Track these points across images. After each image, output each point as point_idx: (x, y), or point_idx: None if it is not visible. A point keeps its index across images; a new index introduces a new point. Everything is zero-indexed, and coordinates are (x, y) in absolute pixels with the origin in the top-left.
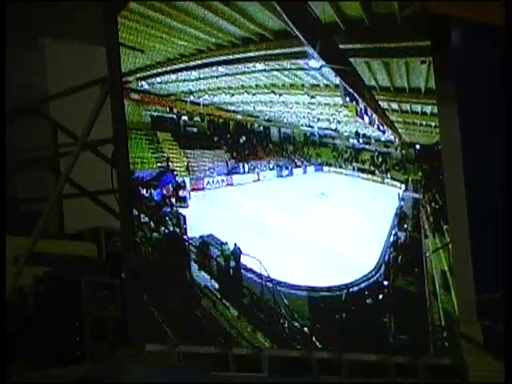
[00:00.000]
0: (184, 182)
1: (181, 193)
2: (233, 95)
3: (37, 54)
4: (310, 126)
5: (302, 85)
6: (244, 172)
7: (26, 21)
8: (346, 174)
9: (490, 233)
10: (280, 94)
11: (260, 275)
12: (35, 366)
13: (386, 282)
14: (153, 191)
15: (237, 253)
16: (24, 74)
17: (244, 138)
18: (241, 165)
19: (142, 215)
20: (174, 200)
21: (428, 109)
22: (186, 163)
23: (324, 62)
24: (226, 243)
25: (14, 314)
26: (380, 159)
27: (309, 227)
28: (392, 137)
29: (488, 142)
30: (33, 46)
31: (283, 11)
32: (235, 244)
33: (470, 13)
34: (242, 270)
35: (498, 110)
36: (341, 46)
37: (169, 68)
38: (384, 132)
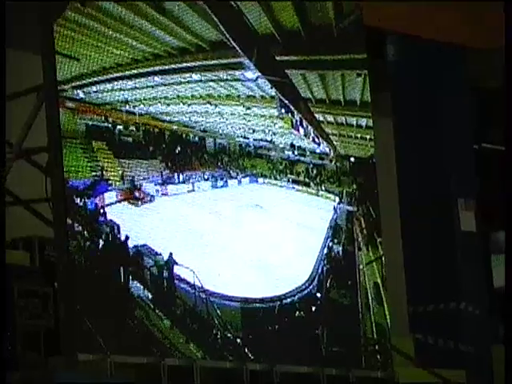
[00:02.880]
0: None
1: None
2: (168, 105)
3: None
4: (245, 137)
5: (238, 96)
6: (179, 182)
7: None
8: (280, 186)
9: (422, 246)
10: (216, 105)
11: (193, 286)
12: None
13: (319, 294)
14: (87, 200)
15: (170, 263)
16: None
17: (179, 148)
18: (176, 175)
19: (76, 224)
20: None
21: (363, 122)
22: (120, 172)
23: (260, 74)
24: (160, 254)
25: None
26: (315, 171)
27: (243, 238)
28: (327, 149)
29: (422, 155)
30: None
31: (220, 22)
32: (170, 254)
33: (406, 27)
34: (175, 281)
35: (432, 123)
36: (277, 58)
37: (104, 77)
38: (319, 144)
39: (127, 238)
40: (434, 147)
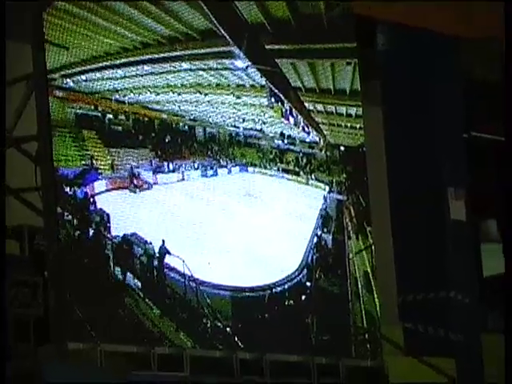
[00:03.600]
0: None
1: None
2: (158, 94)
3: None
4: (235, 127)
5: (228, 85)
6: (169, 171)
7: None
8: (270, 175)
9: (412, 235)
10: (206, 94)
11: (183, 274)
12: None
13: (308, 283)
14: (76, 189)
15: (162, 252)
16: None
17: (169, 137)
18: (165, 164)
19: (66, 213)
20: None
21: (353, 110)
22: (110, 161)
23: (250, 63)
24: (150, 242)
25: None
26: (305, 160)
27: (233, 227)
28: (317, 138)
29: (412, 144)
30: None
31: (210, 11)
32: (163, 241)
33: (395, 15)
34: (165, 269)
35: (422, 112)
36: (267, 47)
37: (94, 66)
38: (309, 133)
39: (117, 226)
40: (424, 136)
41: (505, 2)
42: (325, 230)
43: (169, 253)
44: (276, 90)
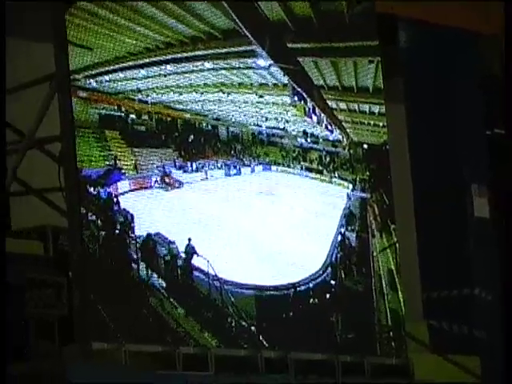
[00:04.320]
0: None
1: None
2: (181, 94)
3: None
4: (258, 125)
5: (251, 84)
6: (192, 171)
7: None
8: (293, 173)
9: (436, 232)
10: (228, 93)
11: (207, 274)
12: None
13: (333, 282)
14: (100, 189)
15: (189, 251)
16: None
17: (192, 136)
18: (189, 163)
19: (90, 213)
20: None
21: (376, 108)
22: (133, 161)
23: (272, 61)
24: (174, 242)
25: None
26: (328, 158)
27: (257, 226)
28: (340, 136)
29: (435, 141)
30: None
31: (232, 10)
32: (189, 240)
33: (417, 13)
34: (189, 269)
35: (444, 108)
36: (289, 45)
37: (117, 66)
38: (332, 131)
39: (141, 226)
40: (447, 133)
41: (505, 2)
42: (349, 228)
43: (195, 253)
44: (299, 89)
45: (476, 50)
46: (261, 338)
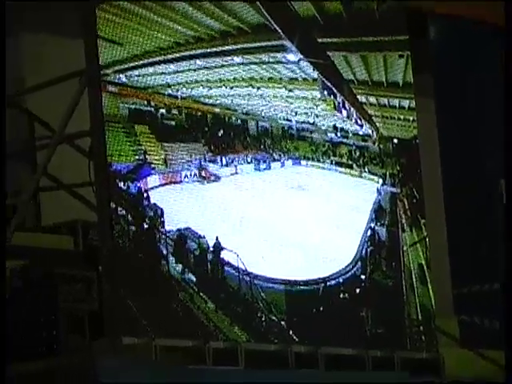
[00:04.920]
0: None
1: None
2: (211, 88)
3: (13, 46)
4: (287, 120)
5: (280, 78)
6: (222, 165)
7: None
8: (323, 168)
9: (466, 227)
10: (258, 88)
11: (237, 268)
12: (12, 359)
13: (363, 276)
14: (130, 184)
15: (217, 246)
16: None
17: (222, 131)
18: (218, 158)
19: (120, 208)
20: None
21: (406, 103)
22: (163, 156)
23: (302, 56)
24: (204, 236)
25: None
26: (358, 153)
27: (286, 221)
28: (370, 131)
29: (465, 135)
30: (9, 36)
31: (262, 5)
32: (217, 237)
33: (446, 7)
34: (219, 264)
35: (474, 103)
36: (319, 40)
37: (147, 61)
38: (362, 126)
39: (171, 221)
40: (476, 127)
41: (505, 2)
42: (379, 222)
43: (223, 248)
44: (328, 83)
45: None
46: (291, 333)
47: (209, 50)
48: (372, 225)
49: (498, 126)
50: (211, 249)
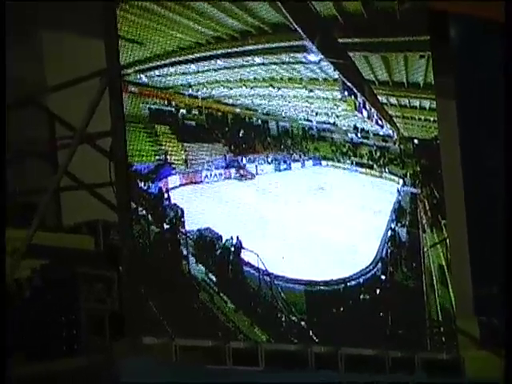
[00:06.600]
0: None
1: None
2: (231, 88)
3: (34, 46)
4: (308, 120)
5: (301, 79)
6: (242, 165)
7: (22, 12)
8: (344, 169)
9: (487, 228)
10: (278, 88)
11: (257, 269)
12: (32, 359)
13: (383, 277)
14: (151, 184)
15: (237, 246)
16: (21, 66)
17: (242, 131)
18: (239, 158)
19: (140, 208)
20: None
21: (426, 103)
22: (184, 156)
23: (323, 56)
24: (224, 237)
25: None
26: (378, 154)
27: (307, 221)
28: (390, 131)
29: (486, 136)
30: (30, 36)
31: (282, 4)
32: (237, 237)
33: (468, 7)
34: (239, 264)
35: (496, 104)
36: (340, 40)
37: (167, 61)
38: (382, 126)
39: (191, 221)
40: (497, 129)
41: (505, 2)
42: (399, 223)
43: (243, 248)
44: (349, 84)
45: None
46: (311, 334)
47: (229, 50)
48: (392, 225)
49: None
50: (231, 249)
